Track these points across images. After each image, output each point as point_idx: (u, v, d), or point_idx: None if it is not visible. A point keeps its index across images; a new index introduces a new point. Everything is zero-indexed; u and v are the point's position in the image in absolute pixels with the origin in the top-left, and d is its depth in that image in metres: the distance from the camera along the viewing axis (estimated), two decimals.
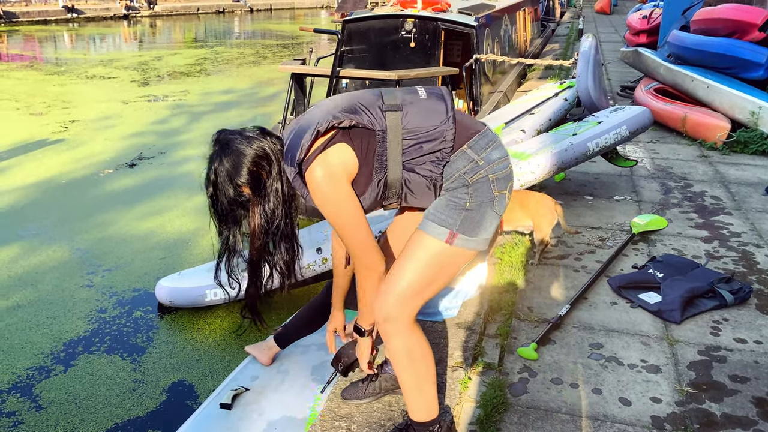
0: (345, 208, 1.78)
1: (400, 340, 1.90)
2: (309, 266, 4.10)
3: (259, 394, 2.84)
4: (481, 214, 1.85)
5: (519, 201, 3.59)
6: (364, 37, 7.90)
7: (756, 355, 2.70)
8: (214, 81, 14.25)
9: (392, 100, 1.85)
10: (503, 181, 1.88)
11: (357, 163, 1.79)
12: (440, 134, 1.81)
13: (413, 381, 1.96)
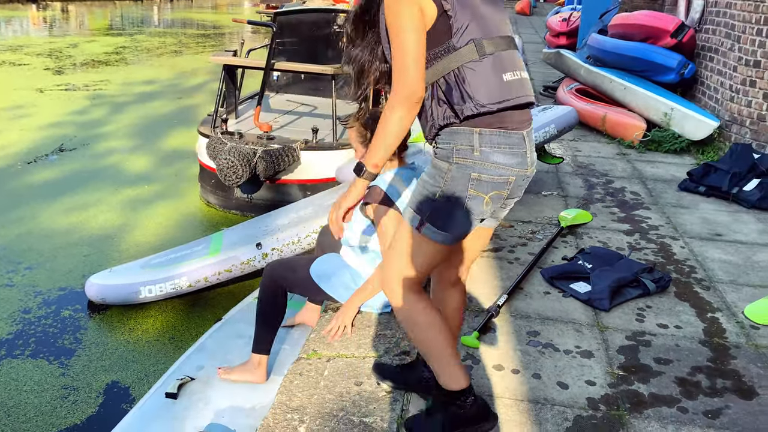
0: (406, 19, 1.71)
1: (400, 310, 1.99)
2: (248, 261, 4.07)
3: (205, 383, 2.84)
4: (449, 209, 1.83)
5: None
6: (296, 30, 7.84)
7: (676, 338, 2.93)
8: (135, 70, 13.72)
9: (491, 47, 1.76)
10: (486, 186, 1.81)
11: (432, 18, 1.75)
12: (474, 106, 1.74)
13: (423, 348, 2.02)
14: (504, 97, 1.78)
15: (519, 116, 1.84)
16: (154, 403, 2.79)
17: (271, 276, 2.91)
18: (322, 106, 7.17)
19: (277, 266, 2.93)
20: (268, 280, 2.91)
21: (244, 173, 5.14)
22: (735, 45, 5.80)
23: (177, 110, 10.21)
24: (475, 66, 1.75)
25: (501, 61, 1.79)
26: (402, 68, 1.73)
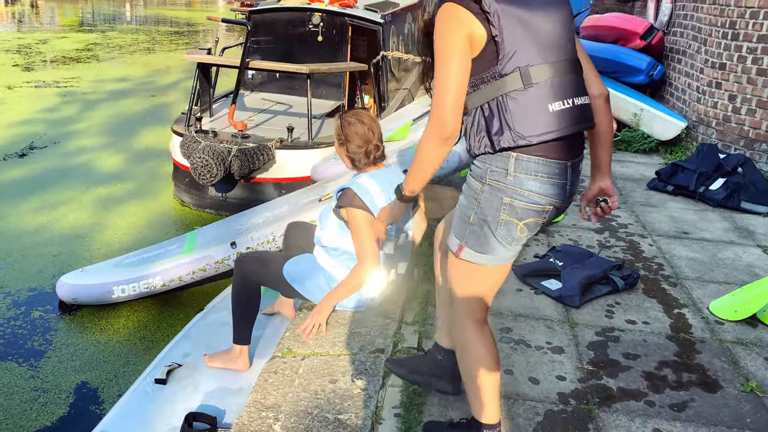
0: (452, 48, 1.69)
1: (456, 334, 2.02)
2: (223, 260, 4.05)
3: (192, 369, 2.96)
4: (484, 233, 1.80)
5: (431, 194, 3.74)
6: (271, 29, 7.82)
7: (644, 334, 3.00)
8: (107, 68, 13.53)
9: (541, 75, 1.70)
10: (520, 212, 1.76)
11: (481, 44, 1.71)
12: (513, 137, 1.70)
13: (467, 378, 2.01)
14: (548, 129, 1.71)
15: (565, 146, 1.77)
16: (144, 389, 2.88)
17: (241, 270, 2.92)
18: (297, 104, 7.16)
19: (247, 260, 2.94)
20: (239, 275, 2.92)
21: (219, 172, 5.11)
22: (702, 48, 5.94)
23: (150, 108, 10.10)
24: (519, 95, 1.70)
25: (550, 90, 1.72)
26: (439, 103, 1.71)
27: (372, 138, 2.78)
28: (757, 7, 5.15)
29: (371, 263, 2.74)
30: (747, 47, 5.27)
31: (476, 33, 1.71)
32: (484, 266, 1.86)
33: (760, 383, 2.64)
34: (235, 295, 2.95)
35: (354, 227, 2.73)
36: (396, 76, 9.30)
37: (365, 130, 2.76)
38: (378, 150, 2.81)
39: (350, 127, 2.77)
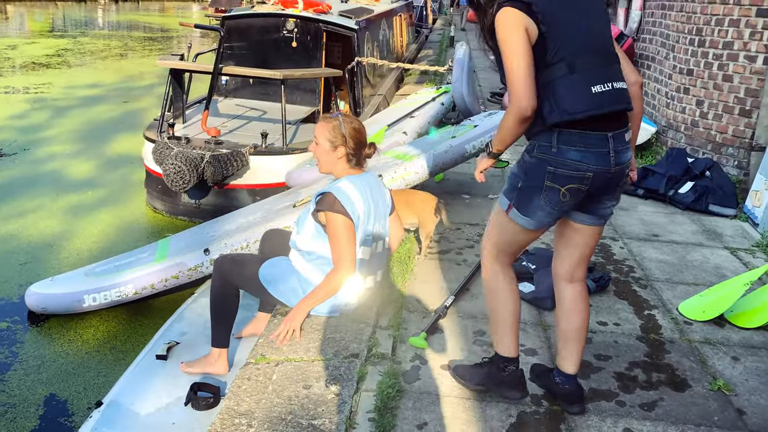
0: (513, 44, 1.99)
1: (485, 272, 2.39)
2: (196, 267, 4.01)
3: (190, 346, 3.19)
4: (528, 197, 2.15)
5: (405, 200, 3.74)
6: (245, 34, 7.79)
7: (615, 335, 3.04)
8: (79, 74, 13.34)
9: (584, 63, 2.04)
10: (562, 179, 2.07)
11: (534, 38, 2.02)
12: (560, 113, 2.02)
13: (491, 311, 2.39)
14: (591, 107, 2.02)
15: (606, 120, 2.06)
16: (146, 364, 3.14)
17: (219, 272, 2.91)
18: (271, 110, 7.14)
19: (225, 261, 2.93)
20: (217, 276, 2.92)
21: (192, 178, 5.07)
22: (670, 54, 6.06)
23: (122, 114, 9.98)
24: (565, 80, 2.02)
25: (593, 75, 2.03)
26: (515, 90, 2.00)
27: (366, 138, 2.83)
28: (722, 15, 5.28)
29: (347, 268, 2.74)
30: (713, 53, 5.39)
31: (529, 29, 2.01)
32: (518, 226, 2.23)
33: (727, 381, 2.69)
34: (212, 297, 2.95)
35: (332, 231, 2.72)
36: (371, 82, 9.32)
37: (362, 129, 2.80)
38: (371, 148, 2.85)
39: (353, 124, 2.77)
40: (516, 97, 1.99)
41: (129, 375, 3.08)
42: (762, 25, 5.00)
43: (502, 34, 2.03)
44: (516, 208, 2.20)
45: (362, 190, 2.77)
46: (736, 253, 4.11)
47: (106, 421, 2.77)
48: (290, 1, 8.06)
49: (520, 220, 2.20)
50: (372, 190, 2.83)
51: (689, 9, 5.67)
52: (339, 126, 2.76)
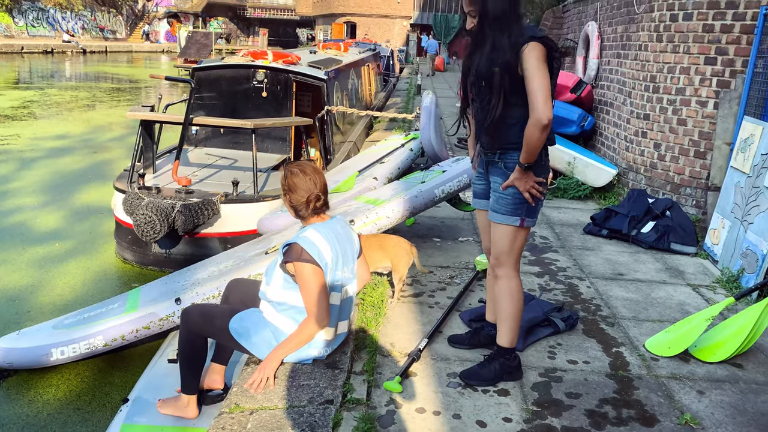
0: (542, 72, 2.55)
1: (513, 283, 2.87)
2: (167, 317, 3.98)
3: None
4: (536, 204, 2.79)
5: (378, 243, 3.81)
6: (215, 85, 7.91)
7: (585, 373, 3.10)
8: (46, 125, 13.28)
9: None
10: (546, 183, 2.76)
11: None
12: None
13: (509, 312, 2.88)
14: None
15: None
16: (160, 367, 3.74)
17: (186, 324, 2.93)
18: (242, 159, 7.20)
19: (192, 314, 2.93)
20: (185, 329, 2.93)
21: (162, 228, 5.07)
22: (627, 100, 6.33)
23: (91, 165, 9.94)
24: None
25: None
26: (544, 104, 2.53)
27: (314, 189, 2.80)
28: (673, 63, 5.57)
29: (320, 317, 2.76)
30: (667, 99, 5.66)
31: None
32: (527, 229, 2.83)
33: (694, 415, 2.76)
34: (181, 347, 2.97)
35: (302, 281, 2.74)
36: (341, 129, 9.48)
37: (307, 181, 2.80)
38: (319, 201, 2.82)
39: (293, 177, 2.81)
40: (547, 110, 2.53)
41: (146, 376, 3.70)
42: (710, 73, 5.29)
43: (537, 60, 2.54)
44: (528, 217, 2.77)
45: (329, 237, 2.80)
46: (698, 290, 4.24)
47: (134, 413, 3.34)
48: (260, 53, 8.24)
49: (530, 223, 2.81)
50: (339, 236, 2.87)
51: (643, 57, 5.97)
52: (283, 177, 2.84)
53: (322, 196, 2.84)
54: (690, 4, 5.38)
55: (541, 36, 2.61)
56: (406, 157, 6.70)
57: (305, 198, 2.79)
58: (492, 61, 2.63)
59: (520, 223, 2.77)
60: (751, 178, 4.42)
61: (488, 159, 2.85)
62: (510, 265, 2.86)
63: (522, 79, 2.58)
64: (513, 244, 2.82)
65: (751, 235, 4.27)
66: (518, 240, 2.83)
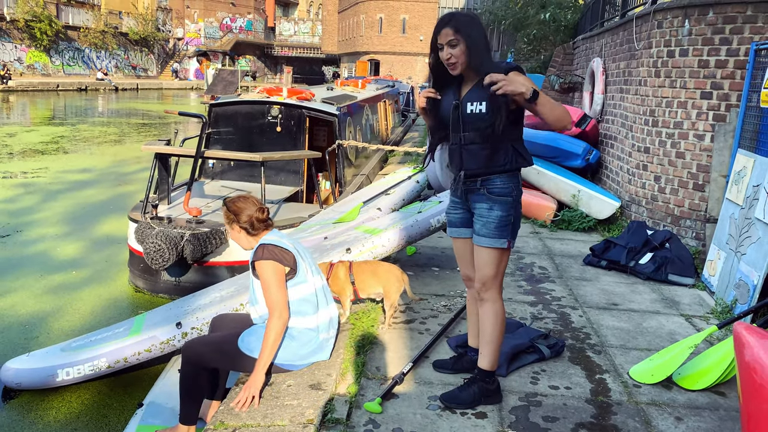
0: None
1: (498, 306, 2.97)
2: (168, 341, 4.13)
3: None
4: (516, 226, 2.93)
5: (371, 270, 3.92)
6: (231, 120, 8.20)
7: (565, 398, 3.15)
8: (74, 159, 13.78)
9: None
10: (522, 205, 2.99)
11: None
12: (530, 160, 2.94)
13: (492, 335, 2.97)
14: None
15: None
16: (172, 375, 4.04)
17: (188, 357, 3.08)
18: (255, 191, 7.40)
19: (195, 345, 3.10)
20: (187, 362, 3.08)
21: (171, 256, 5.26)
22: (629, 134, 6.42)
23: (112, 197, 10.28)
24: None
25: None
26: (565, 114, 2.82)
27: (254, 206, 3.11)
28: (671, 97, 5.67)
29: (280, 312, 2.97)
30: (666, 133, 5.74)
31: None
32: (509, 251, 2.96)
33: None
34: (183, 379, 3.11)
35: (263, 278, 2.97)
36: (354, 163, 9.70)
37: (246, 202, 3.11)
38: (264, 212, 3.12)
39: (234, 204, 3.11)
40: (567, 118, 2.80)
41: (160, 382, 4.02)
42: (707, 107, 5.38)
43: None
44: (513, 238, 2.90)
45: (282, 236, 3.13)
46: (690, 320, 4.26)
47: (149, 416, 3.57)
48: (275, 89, 8.55)
49: (514, 243, 2.94)
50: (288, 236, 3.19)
51: (643, 92, 6.08)
52: (225, 209, 3.12)
53: (265, 209, 3.15)
54: (686, 41, 5.50)
55: (518, 66, 2.75)
56: (412, 189, 6.86)
57: (252, 214, 3.08)
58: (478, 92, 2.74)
59: (508, 245, 2.87)
60: (744, 209, 4.47)
61: (467, 187, 2.90)
62: (496, 289, 2.96)
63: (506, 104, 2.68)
64: (499, 266, 2.92)
65: (743, 266, 4.29)
66: (503, 262, 2.94)
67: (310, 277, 3.15)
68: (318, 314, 3.18)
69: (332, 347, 3.31)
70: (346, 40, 50.03)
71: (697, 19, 5.40)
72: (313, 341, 3.18)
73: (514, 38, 18.47)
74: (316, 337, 3.19)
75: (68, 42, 42.89)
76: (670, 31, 5.66)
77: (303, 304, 3.12)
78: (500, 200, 2.83)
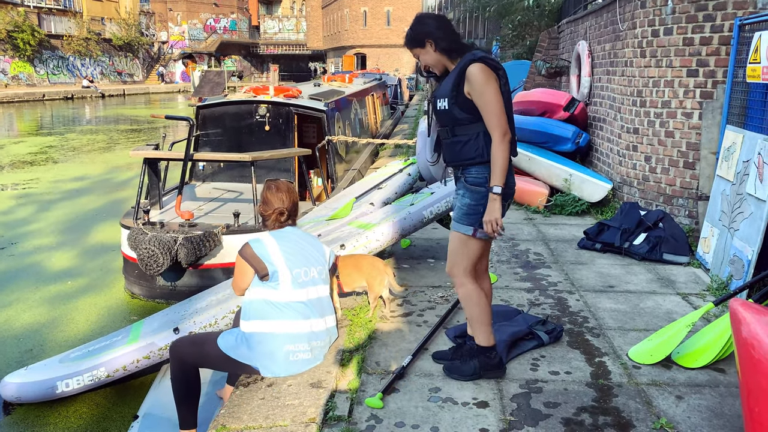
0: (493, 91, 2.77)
1: (466, 290, 3.03)
2: (166, 347, 4.11)
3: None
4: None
5: (354, 264, 3.88)
6: (219, 121, 8.16)
7: (565, 383, 3.16)
8: (63, 169, 13.70)
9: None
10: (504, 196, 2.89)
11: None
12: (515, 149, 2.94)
13: (473, 315, 3.07)
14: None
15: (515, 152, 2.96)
16: (166, 384, 3.79)
17: (175, 356, 3.07)
18: (247, 191, 7.39)
19: (181, 345, 3.08)
20: (174, 360, 3.07)
21: (165, 261, 5.24)
22: (617, 115, 6.42)
23: (105, 204, 10.23)
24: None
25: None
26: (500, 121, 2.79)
27: (281, 205, 3.16)
28: (658, 77, 5.66)
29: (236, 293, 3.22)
30: (654, 112, 5.74)
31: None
32: (480, 240, 2.97)
33: (670, 420, 2.80)
34: (174, 382, 3.11)
35: (237, 265, 3.12)
36: (344, 158, 9.68)
37: (277, 198, 3.17)
38: (282, 215, 3.17)
39: (267, 191, 3.20)
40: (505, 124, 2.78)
41: (152, 394, 3.95)
42: (693, 84, 5.38)
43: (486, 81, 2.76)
44: (481, 228, 2.89)
45: (280, 238, 3.12)
46: (687, 298, 4.27)
47: (145, 428, 3.54)
48: (262, 88, 8.51)
49: (483, 235, 2.91)
50: (294, 240, 3.16)
51: (629, 73, 6.08)
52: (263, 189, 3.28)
53: (286, 212, 3.19)
54: (669, 19, 5.49)
55: (480, 56, 2.81)
56: (404, 182, 6.84)
57: (272, 211, 3.16)
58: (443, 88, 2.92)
59: (473, 233, 2.93)
60: (735, 185, 4.48)
61: (455, 174, 3.09)
62: (461, 273, 3.03)
63: (468, 100, 2.82)
64: (462, 253, 3.00)
65: (737, 241, 4.31)
66: (469, 249, 2.99)
67: (289, 288, 3.06)
68: (284, 323, 3.06)
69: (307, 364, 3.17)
70: (331, 35, 49.84)
71: None
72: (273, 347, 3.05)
73: (499, 25, 18.45)
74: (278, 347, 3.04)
75: (52, 51, 42.58)
76: (654, 10, 5.65)
77: (266, 306, 3.06)
78: (473, 189, 2.91)
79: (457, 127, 2.89)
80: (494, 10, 15.83)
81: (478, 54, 2.84)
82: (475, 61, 2.78)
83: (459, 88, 2.82)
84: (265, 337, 3.06)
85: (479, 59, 2.79)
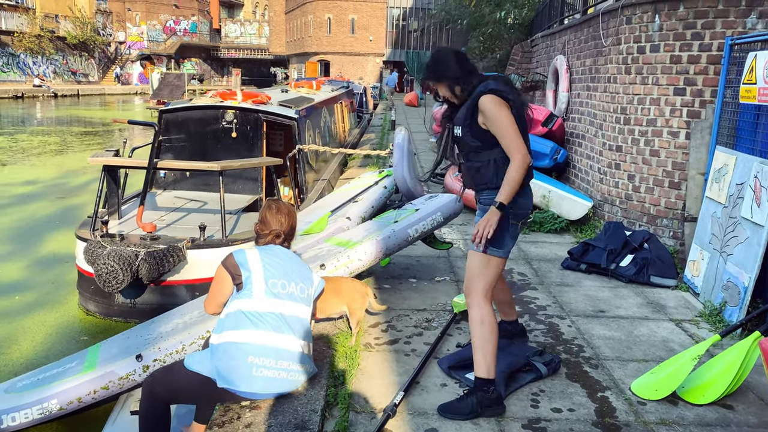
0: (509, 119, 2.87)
1: (481, 313, 2.95)
2: (127, 376, 3.72)
3: None
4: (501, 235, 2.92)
5: (332, 288, 3.59)
6: (183, 127, 7.74)
7: (570, 422, 2.93)
8: (12, 171, 12.96)
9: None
10: (518, 216, 2.97)
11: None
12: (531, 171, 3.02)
13: (480, 340, 2.92)
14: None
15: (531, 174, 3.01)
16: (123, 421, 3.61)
17: (150, 389, 2.79)
18: (212, 201, 7.00)
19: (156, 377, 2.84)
20: (147, 395, 2.78)
21: (126, 278, 4.83)
22: (599, 132, 6.31)
23: (58, 211, 9.65)
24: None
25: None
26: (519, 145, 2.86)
27: (278, 228, 3.02)
28: (643, 94, 5.56)
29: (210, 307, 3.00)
30: (638, 130, 5.64)
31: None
32: (497, 258, 2.97)
33: None
34: (143, 420, 2.88)
35: (215, 277, 2.93)
36: (314, 168, 9.35)
37: (275, 220, 3.03)
38: (278, 238, 3.03)
39: (267, 211, 3.07)
40: (524, 148, 2.85)
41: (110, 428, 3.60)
42: (680, 103, 5.28)
43: (500, 111, 2.86)
44: (492, 246, 2.91)
45: (264, 252, 2.94)
46: (681, 325, 4.12)
47: None
48: (229, 93, 8.12)
49: (498, 252, 2.95)
50: (278, 255, 2.96)
51: (612, 90, 5.97)
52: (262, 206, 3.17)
53: (283, 235, 3.06)
54: (656, 36, 5.40)
55: (491, 89, 2.91)
56: (380, 195, 6.58)
57: (269, 231, 3.03)
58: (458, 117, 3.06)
59: (483, 251, 2.94)
60: (727, 208, 4.36)
61: (475, 197, 3.22)
62: (478, 293, 2.98)
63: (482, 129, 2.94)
64: (477, 272, 2.98)
65: (731, 266, 4.18)
66: (486, 269, 2.98)
67: (262, 296, 2.82)
68: (252, 332, 2.78)
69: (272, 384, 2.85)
70: (294, 41, 49.35)
71: (668, 14, 5.30)
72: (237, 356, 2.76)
73: (466, 38, 18.45)
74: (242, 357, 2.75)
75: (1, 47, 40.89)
76: (640, 26, 5.55)
77: (239, 316, 2.81)
78: (485, 210, 2.99)
79: (471, 153, 3.04)
80: (466, 23, 15.78)
81: (489, 85, 2.95)
82: (486, 93, 2.90)
83: (473, 118, 2.96)
84: (230, 346, 2.77)
85: (489, 91, 2.90)
